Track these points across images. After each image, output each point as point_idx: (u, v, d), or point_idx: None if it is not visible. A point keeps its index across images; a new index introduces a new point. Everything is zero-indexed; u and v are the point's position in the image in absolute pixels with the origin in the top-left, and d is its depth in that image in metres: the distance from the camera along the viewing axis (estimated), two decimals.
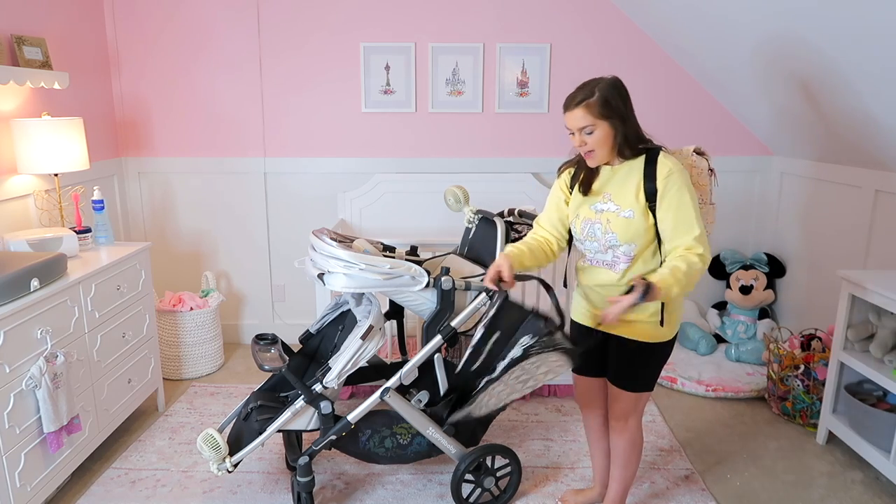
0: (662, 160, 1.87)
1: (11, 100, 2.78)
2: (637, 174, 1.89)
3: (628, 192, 1.89)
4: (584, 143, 1.88)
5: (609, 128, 1.86)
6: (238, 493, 2.49)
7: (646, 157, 1.89)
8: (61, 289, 2.31)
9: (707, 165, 1.98)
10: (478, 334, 2.11)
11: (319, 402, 2.17)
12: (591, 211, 1.95)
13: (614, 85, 1.87)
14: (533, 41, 3.59)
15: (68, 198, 2.97)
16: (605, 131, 1.86)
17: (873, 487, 2.53)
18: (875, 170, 2.91)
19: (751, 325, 3.66)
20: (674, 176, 1.83)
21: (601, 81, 1.86)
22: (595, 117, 1.84)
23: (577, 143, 1.90)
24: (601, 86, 1.85)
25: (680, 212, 1.83)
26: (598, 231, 1.93)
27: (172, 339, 3.42)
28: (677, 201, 1.83)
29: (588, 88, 1.86)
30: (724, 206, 3.81)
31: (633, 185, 1.89)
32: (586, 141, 1.88)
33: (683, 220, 1.83)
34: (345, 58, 3.62)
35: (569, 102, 1.88)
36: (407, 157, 3.75)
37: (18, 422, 2.10)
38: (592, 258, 1.99)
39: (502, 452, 2.38)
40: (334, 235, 2.29)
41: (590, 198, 1.97)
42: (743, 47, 2.94)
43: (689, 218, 1.83)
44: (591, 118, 1.85)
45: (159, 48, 3.61)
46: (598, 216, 1.93)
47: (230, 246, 3.88)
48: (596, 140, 1.87)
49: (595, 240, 1.95)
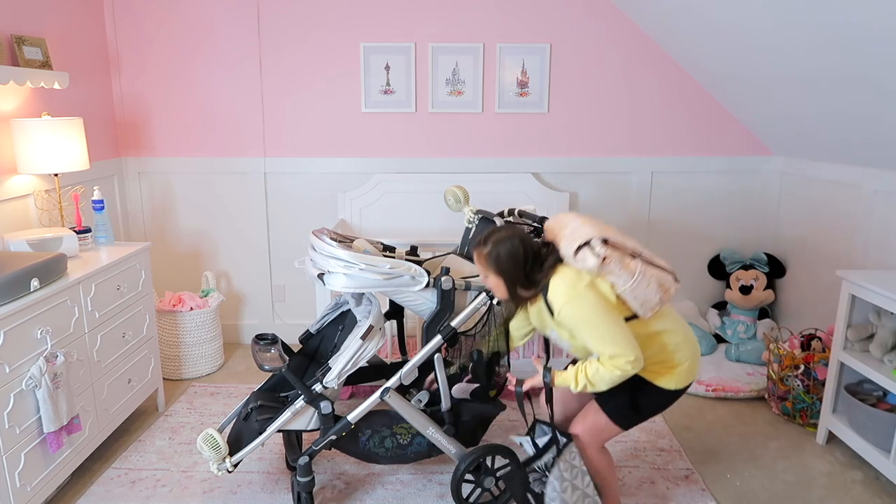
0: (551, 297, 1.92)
1: (11, 100, 2.78)
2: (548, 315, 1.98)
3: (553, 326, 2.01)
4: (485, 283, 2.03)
5: (498, 279, 1.96)
6: (238, 493, 2.49)
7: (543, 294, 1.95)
8: (61, 289, 2.32)
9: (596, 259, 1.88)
10: None
11: (319, 402, 2.17)
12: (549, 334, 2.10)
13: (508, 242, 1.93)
14: (533, 41, 3.59)
15: (68, 198, 2.97)
16: (496, 280, 1.97)
17: (873, 487, 2.53)
18: (875, 170, 2.91)
19: (751, 325, 3.66)
20: (562, 314, 1.90)
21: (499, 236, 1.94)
22: (485, 267, 1.97)
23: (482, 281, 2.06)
24: (496, 240, 1.94)
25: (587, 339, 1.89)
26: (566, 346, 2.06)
27: (172, 339, 3.42)
28: (578, 334, 1.91)
29: (485, 239, 1.97)
30: (724, 206, 3.82)
31: (551, 323, 2.00)
32: (485, 282, 2.02)
33: (593, 346, 1.89)
34: (345, 58, 3.62)
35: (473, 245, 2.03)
36: (407, 157, 3.75)
37: (18, 422, 2.10)
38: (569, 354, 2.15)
39: (502, 452, 2.37)
40: (334, 235, 2.29)
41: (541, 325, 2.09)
42: (740, 46, 2.94)
43: (593, 343, 1.88)
44: (482, 266, 1.98)
45: (159, 48, 3.61)
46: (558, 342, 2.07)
47: (230, 246, 3.88)
48: (491, 284, 2.00)
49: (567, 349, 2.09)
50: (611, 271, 1.90)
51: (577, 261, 1.90)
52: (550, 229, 2.05)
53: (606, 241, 1.91)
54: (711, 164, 3.76)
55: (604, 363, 1.85)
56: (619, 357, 1.83)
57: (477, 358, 2.34)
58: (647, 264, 1.96)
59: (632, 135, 3.73)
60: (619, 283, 1.91)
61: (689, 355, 2.01)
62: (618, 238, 1.96)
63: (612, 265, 1.89)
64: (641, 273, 1.92)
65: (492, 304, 2.30)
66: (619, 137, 3.73)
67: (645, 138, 3.74)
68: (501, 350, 2.35)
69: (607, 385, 1.87)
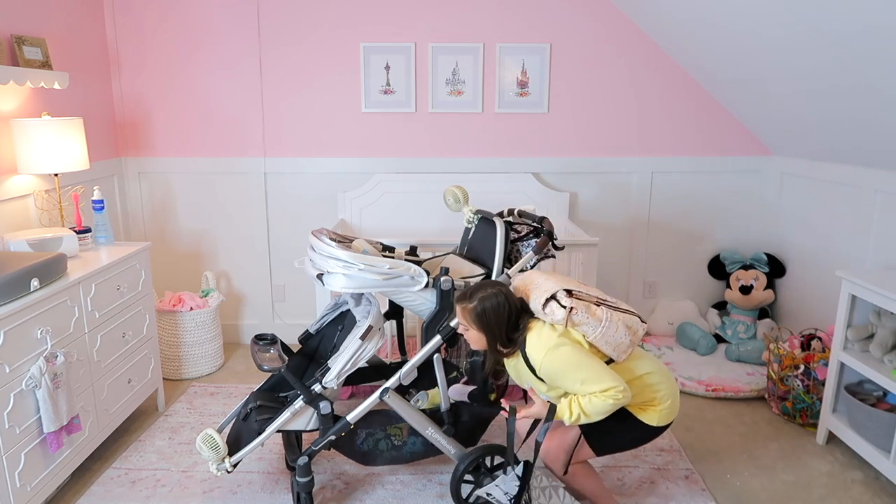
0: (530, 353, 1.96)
1: (11, 100, 2.79)
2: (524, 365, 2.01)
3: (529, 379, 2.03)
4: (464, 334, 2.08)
5: (479, 334, 2.02)
6: (238, 493, 2.49)
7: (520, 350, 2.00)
8: (61, 289, 2.32)
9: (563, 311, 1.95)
10: None
11: (319, 402, 2.17)
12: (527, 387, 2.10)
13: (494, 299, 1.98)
14: (533, 41, 3.59)
15: (68, 198, 2.97)
16: (476, 335, 2.03)
17: (873, 487, 2.53)
18: (875, 170, 2.91)
19: (751, 325, 3.66)
20: (543, 369, 1.94)
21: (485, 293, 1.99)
22: (467, 321, 2.02)
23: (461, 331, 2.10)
24: (481, 297, 1.99)
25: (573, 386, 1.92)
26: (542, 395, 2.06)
27: (172, 339, 3.42)
28: (562, 384, 1.94)
29: (470, 294, 2.00)
30: (724, 206, 3.82)
31: (527, 374, 2.02)
32: (465, 333, 2.07)
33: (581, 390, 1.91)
34: (345, 58, 3.62)
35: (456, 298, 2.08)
36: (407, 157, 3.75)
37: (18, 422, 2.10)
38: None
39: (501, 452, 2.38)
40: (333, 236, 2.29)
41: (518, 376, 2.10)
42: (740, 46, 2.93)
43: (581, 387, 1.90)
44: (464, 320, 2.03)
45: (159, 48, 3.61)
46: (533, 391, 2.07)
47: (230, 246, 3.88)
48: (470, 337, 2.05)
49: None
50: (579, 321, 1.96)
51: (546, 314, 1.98)
52: (518, 288, 2.13)
53: (570, 292, 1.99)
54: (711, 164, 3.76)
55: (595, 395, 1.89)
56: (610, 389, 1.88)
57: (474, 360, 2.34)
58: (612, 309, 2.03)
59: (632, 135, 3.73)
60: (588, 332, 1.97)
61: (670, 393, 2.05)
62: (581, 288, 2.05)
63: (580, 315, 1.96)
64: (608, 318, 1.99)
65: None
66: (619, 137, 3.73)
67: (645, 138, 3.74)
68: None
69: (601, 415, 1.90)
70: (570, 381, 1.91)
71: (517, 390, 3.20)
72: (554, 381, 1.95)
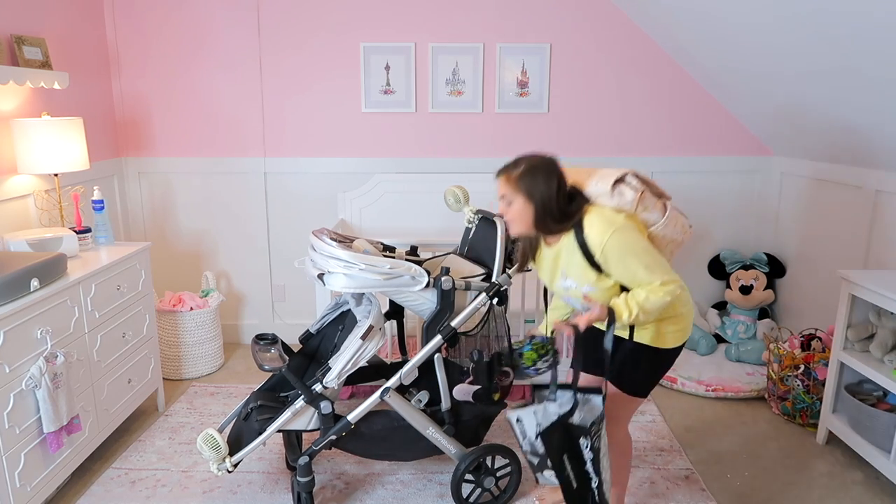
0: (589, 231, 1.82)
1: (11, 100, 2.78)
2: (576, 251, 1.86)
3: (577, 268, 1.88)
4: (504, 212, 1.93)
5: (525, 204, 1.86)
6: (238, 493, 2.49)
7: (574, 232, 1.85)
8: (61, 289, 2.31)
9: (633, 193, 1.87)
10: None
11: (319, 402, 2.16)
12: (560, 289, 1.99)
13: (542, 164, 1.86)
14: (533, 41, 3.59)
15: (68, 198, 2.97)
16: (521, 206, 1.87)
17: (873, 487, 2.53)
18: (875, 170, 2.91)
19: (751, 325, 3.66)
20: (607, 248, 1.80)
21: (534, 159, 1.87)
22: (513, 190, 1.87)
23: (500, 211, 1.95)
24: (528, 162, 1.87)
25: (632, 278, 1.82)
26: (576, 304, 1.99)
27: (172, 339, 3.42)
28: (623, 270, 1.81)
29: (518, 161, 1.89)
30: (724, 206, 3.82)
31: (577, 262, 1.87)
32: (505, 212, 1.92)
33: (637, 280, 1.81)
34: (345, 58, 3.62)
35: (498, 171, 1.93)
36: (407, 157, 3.75)
37: (18, 422, 2.10)
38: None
39: (502, 452, 2.38)
40: (334, 235, 2.29)
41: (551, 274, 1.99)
42: (741, 46, 2.94)
43: (643, 280, 1.80)
44: (509, 189, 1.88)
45: (159, 48, 3.61)
46: (567, 293, 1.96)
47: (230, 246, 3.88)
48: (512, 214, 1.90)
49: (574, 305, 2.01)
50: (646, 207, 1.88)
51: (615, 195, 1.85)
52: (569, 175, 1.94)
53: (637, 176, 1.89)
54: (711, 164, 3.76)
55: (653, 290, 1.79)
56: (670, 283, 1.79)
57: (478, 359, 2.33)
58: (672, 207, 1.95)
59: (632, 135, 3.73)
60: (650, 220, 1.90)
61: (690, 308, 2.00)
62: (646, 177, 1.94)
63: (648, 200, 1.88)
64: (670, 211, 1.92)
65: (492, 305, 2.30)
66: (619, 137, 3.73)
67: (645, 138, 3.74)
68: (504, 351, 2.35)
69: (657, 312, 1.80)
70: (635, 265, 1.78)
71: (516, 390, 3.20)
72: (615, 266, 1.80)
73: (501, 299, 2.29)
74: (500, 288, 2.26)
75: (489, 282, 2.27)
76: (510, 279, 2.28)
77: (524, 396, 3.22)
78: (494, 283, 2.26)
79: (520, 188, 1.85)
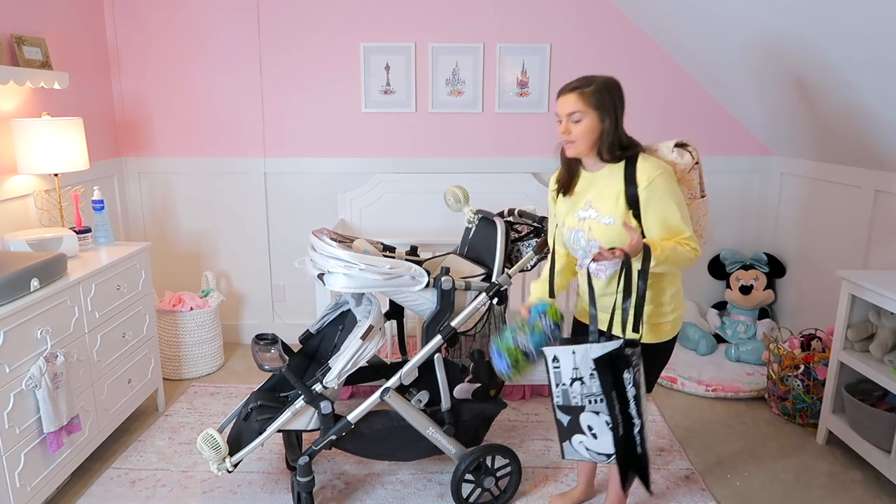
0: (642, 165, 1.84)
1: (11, 100, 2.78)
2: (617, 180, 1.87)
3: (608, 198, 1.88)
4: (568, 130, 1.87)
5: (596, 120, 1.85)
6: (238, 493, 2.49)
7: (625, 162, 1.88)
8: (61, 289, 2.31)
9: (692, 160, 1.92)
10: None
11: (319, 401, 2.17)
12: (575, 219, 1.96)
13: (614, 84, 1.89)
14: (533, 41, 3.59)
15: (68, 198, 2.97)
16: (592, 123, 1.85)
17: (873, 487, 2.53)
18: (875, 170, 2.91)
19: (751, 325, 3.66)
20: (656, 182, 1.81)
21: (606, 78, 1.88)
22: (586, 105, 1.84)
23: (562, 129, 1.89)
24: (601, 79, 1.87)
25: (666, 221, 1.83)
26: (581, 239, 1.94)
27: (172, 339, 3.42)
28: (662, 210, 1.82)
29: (588, 78, 1.87)
30: (724, 206, 3.82)
31: (613, 191, 1.87)
32: (571, 129, 1.87)
33: (671, 228, 1.82)
34: (345, 58, 3.62)
35: (565, 87, 1.89)
36: (407, 157, 3.75)
37: (18, 422, 2.10)
38: (581, 263, 1.99)
39: (502, 452, 2.38)
40: (334, 235, 2.29)
41: (573, 205, 1.97)
42: (741, 45, 2.94)
43: (676, 226, 1.82)
44: (581, 105, 1.84)
45: (159, 48, 3.61)
46: (581, 224, 1.93)
47: (230, 246, 3.88)
48: (580, 130, 1.86)
49: (580, 248, 1.95)
50: (691, 178, 1.93)
51: (675, 154, 1.89)
52: None
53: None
54: (711, 164, 3.71)
55: (681, 242, 1.81)
56: (693, 241, 1.83)
57: (478, 358, 2.33)
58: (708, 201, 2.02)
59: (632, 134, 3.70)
60: (688, 195, 1.93)
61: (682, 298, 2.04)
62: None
63: (696, 176, 1.93)
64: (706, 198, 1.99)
65: (492, 305, 2.30)
66: None
67: (645, 138, 3.71)
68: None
69: (678, 266, 1.82)
70: (673, 210, 1.81)
71: (516, 390, 3.20)
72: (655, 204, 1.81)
73: (501, 299, 2.29)
74: (500, 288, 2.27)
75: (489, 282, 2.27)
76: (510, 279, 2.28)
77: (524, 397, 3.23)
78: (494, 283, 2.26)
79: (594, 104, 1.83)
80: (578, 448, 1.86)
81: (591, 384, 1.76)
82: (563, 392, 1.80)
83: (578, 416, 1.80)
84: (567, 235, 1.99)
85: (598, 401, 1.77)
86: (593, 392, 1.77)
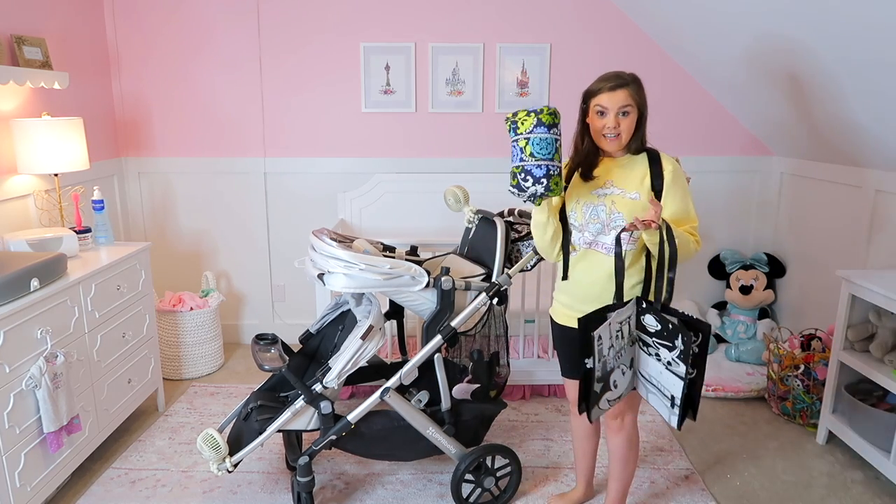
0: (666, 157, 2.00)
1: (11, 100, 2.78)
2: (641, 167, 1.98)
3: (633, 178, 1.97)
4: (617, 124, 1.94)
5: (638, 115, 1.96)
6: (238, 493, 2.49)
7: (648, 155, 2.00)
8: (61, 289, 2.31)
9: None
10: None
11: (319, 401, 2.17)
12: (594, 196, 2.00)
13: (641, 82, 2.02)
14: (533, 41, 3.59)
15: (68, 198, 2.97)
16: (635, 118, 1.96)
17: (873, 487, 2.53)
18: (875, 170, 2.91)
19: (751, 325, 3.66)
20: (678, 171, 1.98)
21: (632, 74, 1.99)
22: (633, 101, 1.94)
23: (611, 123, 1.94)
24: (634, 76, 1.98)
25: (683, 203, 1.96)
26: (601, 212, 1.97)
27: (172, 339, 3.42)
28: (682, 193, 1.96)
29: (629, 75, 1.98)
30: (724, 206, 3.82)
31: (638, 174, 1.97)
32: (620, 122, 1.94)
33: (685, 210, 1.96)
34: (345, 58, 3.62)
35: (617, 83, 1.95)
36: (407, 157, 3.75)
37: (18, 422, 2.10)
38: (593, 240, 1.98)
39: (502, 452, 2.38)
40: (334, 235, 2.29)
41: (591, 185, 2.01)
42: (742, 45, 2.94)
43: (689, 209, 1.97)
44: (631, 100, 1.94)
45: (159, 48, 3.61)
46: (602, 199, 1.98)
47: (230, 246, 3.88)
48: (627, 124, 1.95)
49: (598, 221, 1.97)
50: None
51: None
52: None
53: None
54: (711, 164, 3.76)
55: (688, 231, 1.93)
56: (697, 234, 1.96)
57: (477, 358, 2.33)
58: None
59: None
60: None
61: None
62: None
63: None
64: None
65: (492, 304, 2.30)
66: None
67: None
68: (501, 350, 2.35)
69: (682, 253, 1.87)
70: (688, 197, 1.97)
71: (516, 390, 3.20)
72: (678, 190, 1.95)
73: (501, 299, 2.29)
74: (500, 288, 2.27)
75: (489, 282, 2.27)
76: (510, 279, 2.28)
77: (524, 397, 3.22)
78: (494, 282, 2.26)
79: (637, 99, 1.95)
80: (603, 405, 1.93)
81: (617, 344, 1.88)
82: (602, 364, 1.87)
83: (609, 377, 1.89)
84: (583, 210, 2.01)
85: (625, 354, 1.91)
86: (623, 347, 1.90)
